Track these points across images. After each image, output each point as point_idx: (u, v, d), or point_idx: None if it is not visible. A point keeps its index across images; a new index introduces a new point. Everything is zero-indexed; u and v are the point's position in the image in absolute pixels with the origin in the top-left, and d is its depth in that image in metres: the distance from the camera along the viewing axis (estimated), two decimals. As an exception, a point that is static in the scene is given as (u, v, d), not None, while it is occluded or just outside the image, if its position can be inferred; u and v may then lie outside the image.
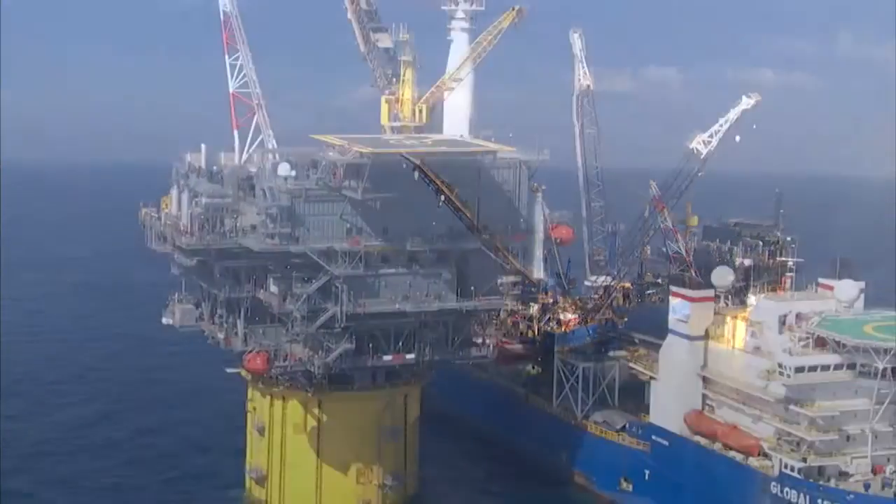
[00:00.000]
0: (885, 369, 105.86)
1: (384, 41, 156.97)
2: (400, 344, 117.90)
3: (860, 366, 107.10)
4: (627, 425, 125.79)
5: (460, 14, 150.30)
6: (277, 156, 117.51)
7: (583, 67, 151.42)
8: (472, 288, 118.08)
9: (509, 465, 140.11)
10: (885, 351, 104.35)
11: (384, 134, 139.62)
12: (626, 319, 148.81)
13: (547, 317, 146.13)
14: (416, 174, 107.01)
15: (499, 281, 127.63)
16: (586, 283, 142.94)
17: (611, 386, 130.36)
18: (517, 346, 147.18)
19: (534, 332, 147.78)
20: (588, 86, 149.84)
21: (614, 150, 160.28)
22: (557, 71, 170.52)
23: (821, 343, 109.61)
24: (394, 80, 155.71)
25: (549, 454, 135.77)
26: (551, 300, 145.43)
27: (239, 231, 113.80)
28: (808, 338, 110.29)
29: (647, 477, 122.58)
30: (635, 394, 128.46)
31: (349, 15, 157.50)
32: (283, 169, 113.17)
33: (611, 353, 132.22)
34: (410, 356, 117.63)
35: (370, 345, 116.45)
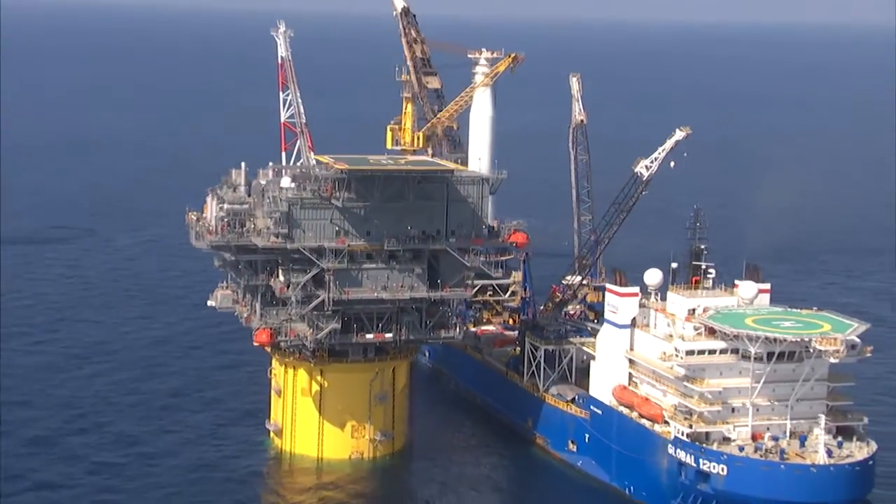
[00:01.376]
0: (760, 353, 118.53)
1: (433, 83, 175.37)
2: (380, 325, 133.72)
3: (742, 351, 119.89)
4: (576, 397, 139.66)
5: (483, 61, 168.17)
6: (283, 171, 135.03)
7: (579, 105, 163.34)
8: (440, 281, 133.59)
9: (489, 428, 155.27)
10: (756, 338, 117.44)
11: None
12: None
13: (525, 308, 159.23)
14: None
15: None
16: (563, 282, 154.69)
17: (569, 365, 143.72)
18: (510, 333, 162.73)
19: (514, 320, 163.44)
20: (582, 120, 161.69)
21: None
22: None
23: (713, 332, 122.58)
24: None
25: (518, 420, 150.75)
26: (528, 295, 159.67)
27: (253, 231, 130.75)
28: (700, 327, 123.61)
29: (587, 440, 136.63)
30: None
31: (408, 61, 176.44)
32: (285, 182, 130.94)
33: (579, 339, 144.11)
34: (389, 335, 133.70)
35: (355, 325, 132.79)
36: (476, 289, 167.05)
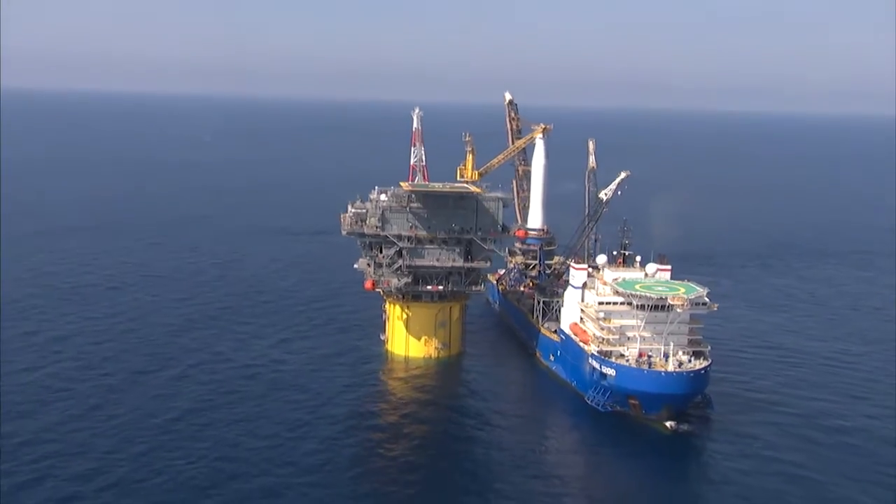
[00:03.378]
0: (642, 305, 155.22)
1: (520, 145, 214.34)
2: (436, 281, 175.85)
3: (631, 303, 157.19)
4: (556, 330, 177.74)
5: (540, 134, 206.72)
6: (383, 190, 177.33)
7: (592, 157, 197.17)
8: (471, 256, 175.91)
9: (514, 346, 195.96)
10: (636, 296, 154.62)
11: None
12: None
13: (539, 275, 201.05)
14: None
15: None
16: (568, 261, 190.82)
17: (557, 311, 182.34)
18: (532, 290, 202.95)
19: (533, 284, 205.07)
20: (593, 167, 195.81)
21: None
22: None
23: (617, 292, 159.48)
24: (522, 162, 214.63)
25: (529, 342, 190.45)
26: (541, 269, 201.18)
27: (366, 225, 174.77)
28: (612, 289, 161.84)
29: (558, 354, 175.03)
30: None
31: (508, 131, 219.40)
32: (383, 196, 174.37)
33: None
34: (440, 287, 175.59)
35: (421, 280, 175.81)
36: (531, 266, 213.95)
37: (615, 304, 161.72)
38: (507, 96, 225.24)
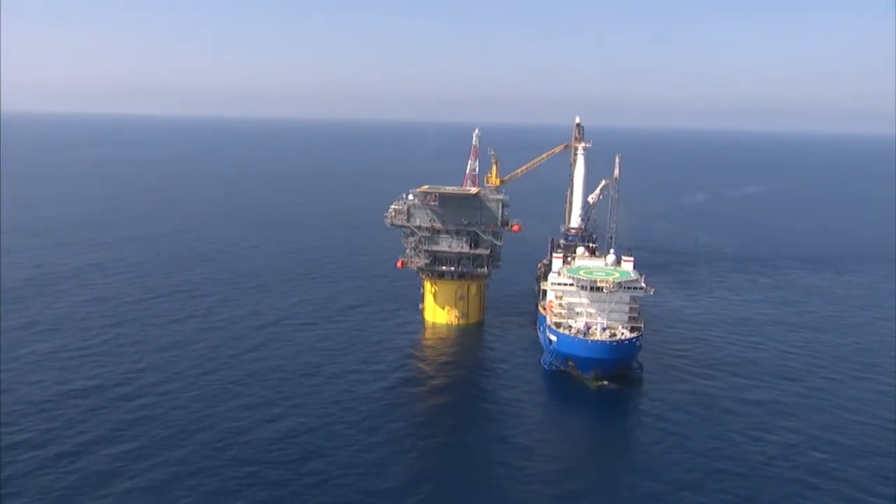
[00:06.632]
0: (584, 286, 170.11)
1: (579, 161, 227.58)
2: (449, 263, 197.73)
3: (577, 284, 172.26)
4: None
5: (580, 150, 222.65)
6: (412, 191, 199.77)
7: (617, 168, 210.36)
8: (475, 244, 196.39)
9: (523, 319, 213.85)
10: (576, 279, 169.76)
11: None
12: None
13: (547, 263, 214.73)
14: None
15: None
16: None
17: None
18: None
19: (543, 268, 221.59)
20: (616, 177, 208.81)
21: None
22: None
23: (569, 276, 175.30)
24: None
25: (533, 316, 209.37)
26: (548, 260, 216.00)
27: (400, 219, 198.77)
28: (568, 274, 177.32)
29: (542, 326, 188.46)
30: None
31: (573, 147, 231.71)
32: (410, 196, 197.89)
33: None
34: (453, 268, 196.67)
35: (438, 262, 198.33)
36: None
37: (565, 285, 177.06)
38: (577, 119, 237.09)
